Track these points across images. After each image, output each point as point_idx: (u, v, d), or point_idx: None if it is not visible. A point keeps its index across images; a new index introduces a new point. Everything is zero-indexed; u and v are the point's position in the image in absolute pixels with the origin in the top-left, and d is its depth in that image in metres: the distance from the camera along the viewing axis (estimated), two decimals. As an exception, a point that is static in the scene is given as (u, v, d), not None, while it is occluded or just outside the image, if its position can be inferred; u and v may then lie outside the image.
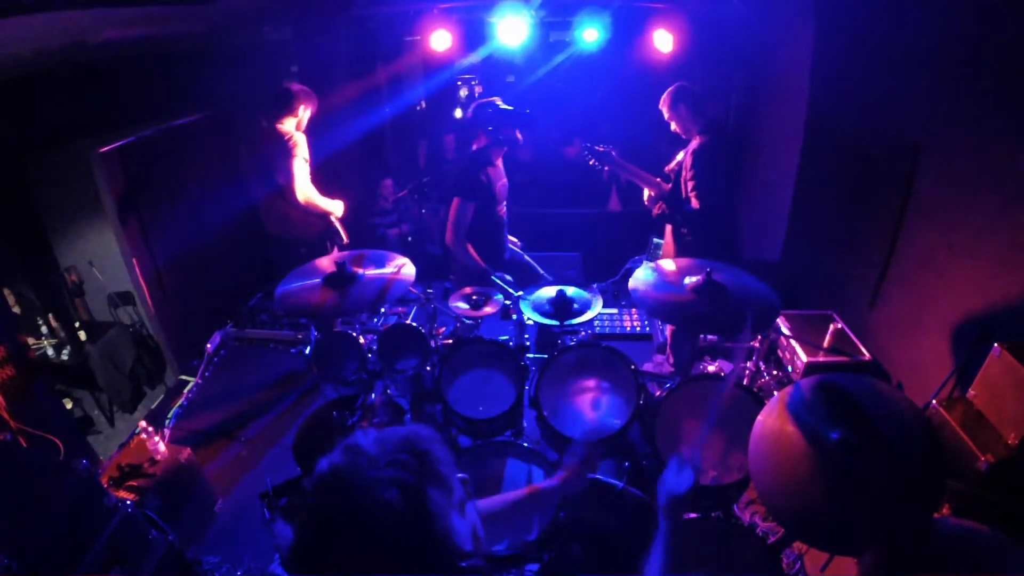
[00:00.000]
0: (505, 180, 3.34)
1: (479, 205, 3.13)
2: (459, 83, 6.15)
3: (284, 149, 3.32)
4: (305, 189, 3.44)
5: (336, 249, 3.72)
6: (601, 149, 3.09)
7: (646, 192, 3.13)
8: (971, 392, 1.82)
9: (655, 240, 4.25)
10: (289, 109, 3.39)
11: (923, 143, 2.43)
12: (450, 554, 0.74)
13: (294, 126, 3.41)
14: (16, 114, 2.90)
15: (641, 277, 2.25)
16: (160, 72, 3.76)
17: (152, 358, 4.01)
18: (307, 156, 3.44)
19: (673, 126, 3.09)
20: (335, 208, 3.62)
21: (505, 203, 3.40)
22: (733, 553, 1.69)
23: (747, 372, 2.76)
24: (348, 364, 2.60)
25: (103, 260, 3.71)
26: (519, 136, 3.12)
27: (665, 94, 3.05)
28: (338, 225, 3.68)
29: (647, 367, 3.61)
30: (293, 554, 0.76)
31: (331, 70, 4.30)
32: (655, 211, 3.23)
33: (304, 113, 3.46)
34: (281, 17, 4.16)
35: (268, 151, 3.39)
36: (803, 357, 2.73)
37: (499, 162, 3.29)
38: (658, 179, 3.12)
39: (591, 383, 2.29)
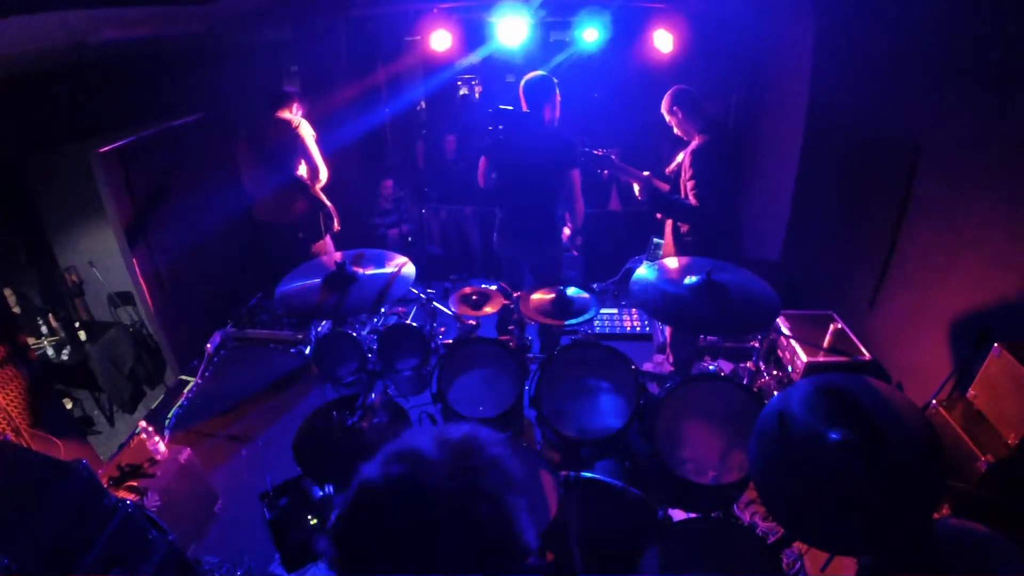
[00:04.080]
0: None
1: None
2: (459, 83, 6.15)
3: (294, 134, 3.43)
4: (322, 165, 3.59)
5: (329, 234, 3.74)
6: (599, 153, 3.09)
7: (636, 187, 3.11)
8: (971, 392, 1.82)
9: (655, 240, 4.25)
10: (286, 106, 3.50)
11: (923, 143, 2.43)
12: (523, 553, 0.72)
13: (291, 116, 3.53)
14: (16, 114, 2.90)
15: (642, 276, 2.25)
16: (159, 72, 3.76)
17: (152, 358, 4.01)
18: (313, 133, 3.56)
19: (675, 129, 3.09)
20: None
21: None
22: (733, 553, 1.69)
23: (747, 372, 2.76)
24: (348, 364, 2.60)
25: (103, 260, 3.71)
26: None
27: (664, 97, 3.05)
28: (328, 203, 3.71)
29: (647, 367, 3.62)
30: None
31: (331, 70, 4.30)
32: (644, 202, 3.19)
33: (296, 113, 3.57)
34: (281, 17, 4.16)
35: (277, 142, 3.47)
36: (803, 357, 2.73)
37: None
38: (646, 172, 3.10)
39: (591, 383, 2.29)
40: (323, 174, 3.58)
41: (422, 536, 0.66)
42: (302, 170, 3.54)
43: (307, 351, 3.89)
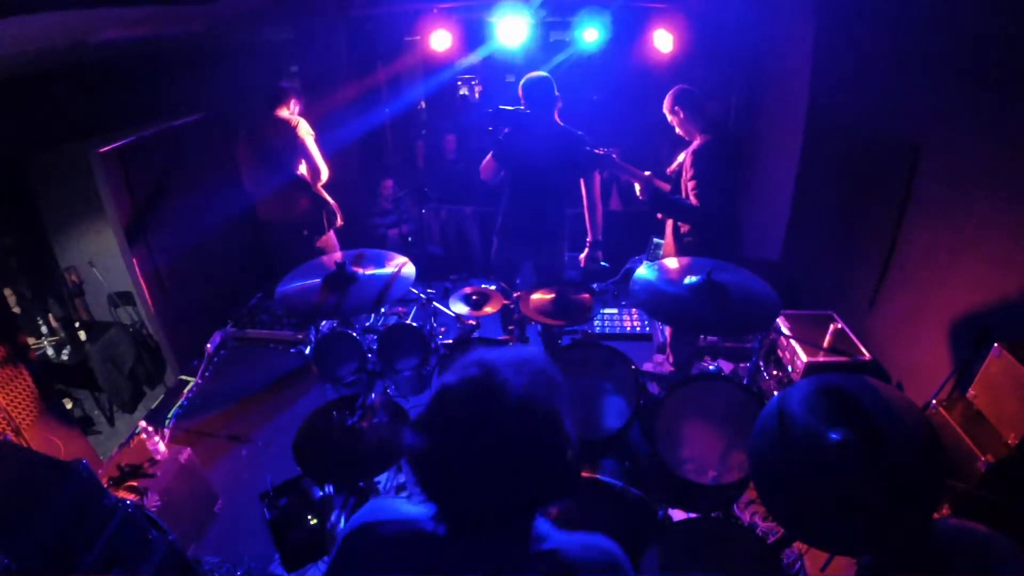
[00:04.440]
0: None
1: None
2: (459, 83, 6.15)
3: (293, 134, 3.43)
4: (323, 164, 3.57)
5: (332, 229, 3.75)
6: (600, 152, 3.09)
7: (637, 187, 3.11)
8: (971, 392, 1.82)
9: (655, 240, 4.26)
10: (283, 102, 3.50)
11: (923, 143, 2.43)
12: (569, 443, 0.87)
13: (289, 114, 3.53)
14: (16, 114, 2.90)
15: (642, 276, 2.25)
16: (160, 72, 3.76)
17: (152, 358, 4.00)
18: (312, 132, 3.55)
19: (676, 129, 3.09)
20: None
21: None
22: (733, 553, 1.69)
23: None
24: (348, 364, 2.60)
25: (103, 260, 3.71)
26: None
27: (666, 97, 3.05)
28: (330, 200, 3.70)
29: (647, 367, 3.62)
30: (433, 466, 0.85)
31: (331, 70, 4.30)
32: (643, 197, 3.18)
33: (294, 109, 3.57)
34: (281, 17, 4.16)
35: (277, 142, 3.46)
36: (803, 357, 2.73)
37: None
38: (647, 172, 3.10)
39: (591, 383, 2.29)
40: (324, 173, 3.58)
41: (494, 426, 0.82)
42: (302, 169, 3.54)
43: (307, 351, 3.89)
